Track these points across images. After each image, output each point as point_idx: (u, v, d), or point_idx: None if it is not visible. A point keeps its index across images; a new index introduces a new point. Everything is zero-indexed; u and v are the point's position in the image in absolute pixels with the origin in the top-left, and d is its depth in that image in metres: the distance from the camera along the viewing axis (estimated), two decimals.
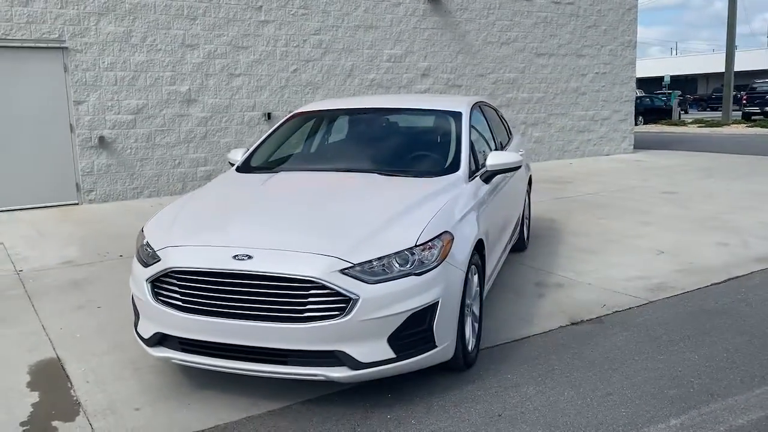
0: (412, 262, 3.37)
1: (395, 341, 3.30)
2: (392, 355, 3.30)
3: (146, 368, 4.00)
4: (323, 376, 3.28)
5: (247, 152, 5.06)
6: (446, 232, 3.58)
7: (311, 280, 3.20)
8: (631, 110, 16.51)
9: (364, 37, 12.13)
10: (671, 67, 60.88)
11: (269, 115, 11.21)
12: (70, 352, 4.30)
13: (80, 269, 6.25)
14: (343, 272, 3.23)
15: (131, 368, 4.02)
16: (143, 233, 3.85)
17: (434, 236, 3.49)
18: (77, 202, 9.80)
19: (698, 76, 63.30)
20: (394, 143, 4.98)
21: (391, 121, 5.20)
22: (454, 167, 4.40)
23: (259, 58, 11.07)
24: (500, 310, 4.93)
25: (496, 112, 6.34)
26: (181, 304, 3.43)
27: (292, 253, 3.32)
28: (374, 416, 3.38)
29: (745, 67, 49.29)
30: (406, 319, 3.30)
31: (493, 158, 4.58)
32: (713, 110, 43.19)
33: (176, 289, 3.44)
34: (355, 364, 3.26)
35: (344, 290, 3.20)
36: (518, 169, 4.76)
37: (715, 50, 69.38)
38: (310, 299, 3.23)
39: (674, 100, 32.31)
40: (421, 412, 3.41)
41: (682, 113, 36.19)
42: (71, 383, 3.84)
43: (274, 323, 3.24)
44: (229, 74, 10.82)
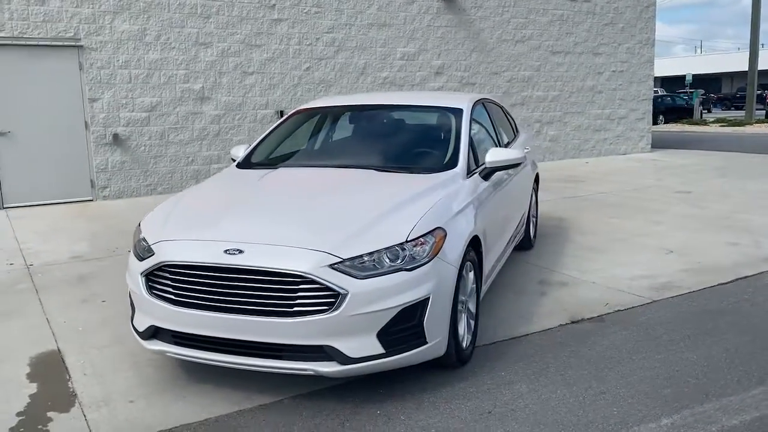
0: (402, 257, 3.37)
1: (385, 336, 3.30)
2: (381, 350, 3.30)
3: (144, 361, 4.04)
4: (312, 370, 3.29)
5: (248, 148, 5.09)
6: (439, 228, 3.57)
7: (300, 274, 3.21)
8: (648, 109, 16.32)
9: (377, 35, 12.14)
10: (695, 65, 60.06)
11: (282, 113, 11.26)
12: (71, 344, 4.36)
13: (89, 264, 6.33)
14: (332, 267, 3.24)
15: (130, 361, 4.06)
16: (140, 228, 3.90)
17: (426, 232, 3.49)
18: (92, 198, 9.93)
19: (722, 74, 62.42)
20: (393, 140, 4.98)
21: (391, 117, 5.20)
22: (452, 164, 4.39)
23: (272, 56, 11.12)
24: (500, 307, 4.91)
25: (501, 109, 6.31)
26: (174, 297, 3.46)
27: (282, 247, 3.33)
28: (364, 411, 3.38)
29: None
30: (395, 314, 3.30)
31: (492, 155, 4.55)
32: (737, 109, 42.54)
33: (169, 282, 3.48)
34: (343, 359, 3.26)
35: (333, 285, 3.21)
36: (518, 165, 4.73)
37: (740, 48, 68.33)
38: (299, 294, 3.24)
39: (696, 99, 31.83)
40: (411, 408, 3.41)
41: (705, 112, 35.70)
42: (69, 375, 3.90)
43: (264, 317, 3.26)
44: (242, 72, 10.88)
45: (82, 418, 3.40)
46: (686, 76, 41.69)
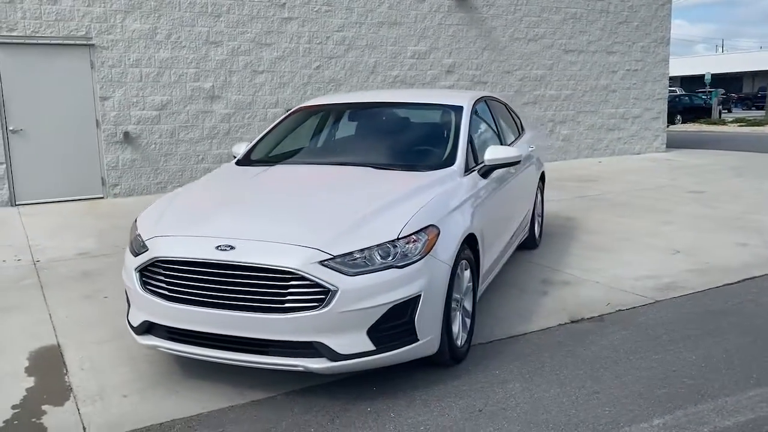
0: (394, 254, 3.35)
1: (375, 333, 3.29)
2: (372, 347, 3.30)
3: (141, 357, 4.07)
4: (302, 367, 3.29)
5: (248, 145, 5.11)
6: (432, 225, 3.55)
7: (290, 271, 3.21)
8: (663, 108, 16.14)
9: (387, 33, 12.12)
10: (716, 64, 59.27)
11: None
12: (71, 339, 4.40)
13: (94, 260, 6.39)
14: (322, 264, 3.24)
15: (127, 356, 4.09)
16: (136, 224, 3.92)
17: (418, 229, 3.47)
18: (102, 196, 10.03)
19: (744, 74, 61.58)
20: (392, 137, 4.96)
21: (391, 115, 5.19)
22: (449, 161, 4.37)
23: (282, 54, 11.15)
24: (500, 306, 4.88)
25: (506, 107, 6.27)
26: (167, 293, 3.48)
27: (273, 244, 3.34)
28: (355, 408, 3.38)
29: None
30: (386, 311, 3.29)
31: (490, 153, 4.52)
32: (758, 109, 41.98)
33: (162, 278, 3.50)
34: (333, 355, 3.26)
35: (323, 282, 3.21)
36: (518, 163, 4.70)
37: (762, 47, 67.40)
38: (289, 290, 3.24)
39: (715, 98, 31.44)
40: (402, 405, 3.39)
41: (725, 112, 35.24)
42: (67, 369, 3.93)
43: (254, 313, 3.26)
44: (252, 71, 10.93)
45: (75, 411, 3.43)
46: (705, 75, 41.13)
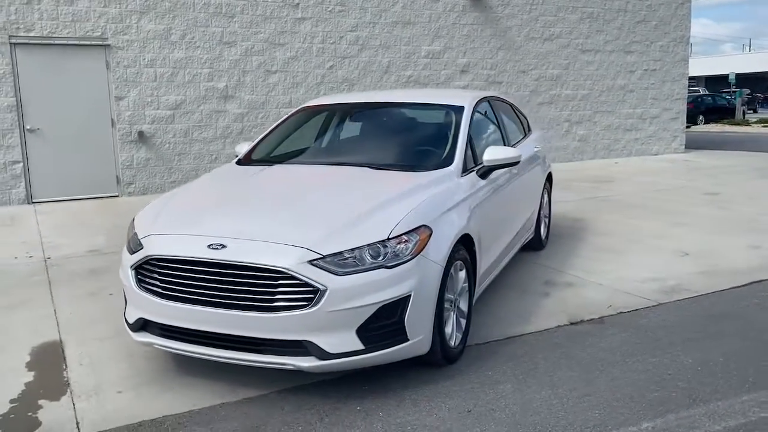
0: (384, 254, 3.36)
1: (364, 333, 3.30)
2: (361, 346, 3.31)
3: (140, 354, 4.12)
4: (292, 365, 3.32)
5: (250, 145, 5.15)
6: (424, 225, 3.55)
7: (280, 270, 3.24)
8: (682, 108, 15.93)
9: (401, 33, 12.12)
10: (742, 64, 58.29)
11: None
12: (72, 335, 4.47)
13: (103, 258, 6.48)
14: (312, 263, 3.25)
15: (125, 353, 4.14)
16: (133, 222, 3.98)
17: (409, 229, 3.47)
18: (117, 194, 10.16)
19: None
20: (392, 137, 4.97)
21: (393, 115, 5.19)
22: (447, 161, 4.36)
23: (295, 54, 11.20)
24: (500, 307, 4.86)
25: (511, 107, 6.24)
26: (161, 291, 3.52)
27: (264, 243, 3.36)
28: (345, 407, 3.39)
29: None
30: (375, 311, 3.30)
31: (489, 153, 4.51)
32: None
33: (157, 276, 3.54)
34: (322, 354, 3.27)
35: (312, 281, 3.22)
36: (517, 164, 4.67)
37: None
38: (279, 289, 3.26)
39: (739, 98, 30.94)
40: (391, 405, 3.40)
41: (750, 113, 34.68)
42: (66, 365, 4.00)
43: (245, 312, 3.29)
44: (265, 71, 10.99)
45: (71, 406, 3.48)
46: (729, 75, 40.51)
